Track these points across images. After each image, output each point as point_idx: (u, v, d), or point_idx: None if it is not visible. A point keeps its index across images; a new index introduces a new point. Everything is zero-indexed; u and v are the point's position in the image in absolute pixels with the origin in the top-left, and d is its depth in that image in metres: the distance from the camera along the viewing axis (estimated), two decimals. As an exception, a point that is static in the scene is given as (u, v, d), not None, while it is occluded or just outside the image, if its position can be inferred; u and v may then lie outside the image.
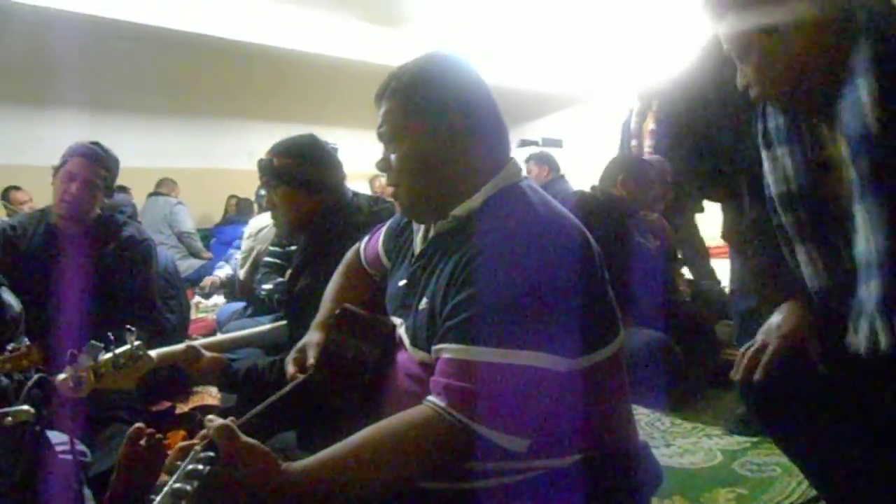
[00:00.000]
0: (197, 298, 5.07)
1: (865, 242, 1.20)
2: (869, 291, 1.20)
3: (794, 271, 1.42)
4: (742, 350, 1.45)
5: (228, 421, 1.11)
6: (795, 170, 1.36)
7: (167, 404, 2.96)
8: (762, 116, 1.44)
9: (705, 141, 1.90)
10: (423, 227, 1.32)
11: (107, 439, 2.14)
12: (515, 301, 1.04)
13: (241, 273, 3.67)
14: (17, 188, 5.86)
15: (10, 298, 2.04)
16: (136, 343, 1.67)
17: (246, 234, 3.63)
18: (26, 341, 1.88)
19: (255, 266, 3.52)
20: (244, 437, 0.95)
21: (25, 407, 1.25)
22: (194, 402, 3.10)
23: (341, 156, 2.20)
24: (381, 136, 1.26)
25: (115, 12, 6.13)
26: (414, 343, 1.21)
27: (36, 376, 1.45)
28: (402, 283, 1.31)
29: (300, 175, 1.99)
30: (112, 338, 1.67)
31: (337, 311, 1.43)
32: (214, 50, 7.40)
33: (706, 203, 3.99)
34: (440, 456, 1.04)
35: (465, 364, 1.04)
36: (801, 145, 1.36)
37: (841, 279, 1.32)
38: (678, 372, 2.79)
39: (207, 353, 1.83)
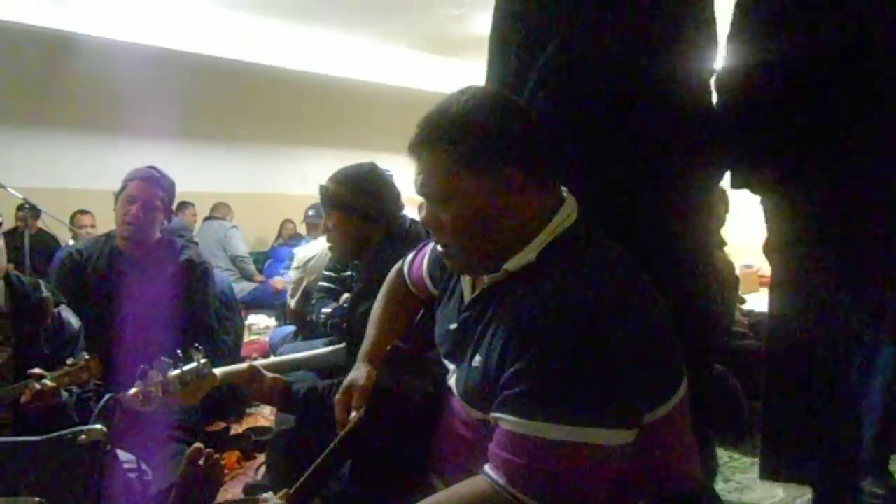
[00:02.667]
0: (250, 320, 5.15)
1: None
2: None
3: None
4: None
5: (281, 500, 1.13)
6: None
7: (222, 425, 3.02)
8: None
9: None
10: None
11: (166, 458, 2.17)
12: (577, 374, 0.98)
13: (292, 302, 3.71)
14: (84, 212, 6.05)
15: (70, 317, 2.10)
16: (203, 361, 1.70)
17: (294, 264, 3.68)
18: (86, 356, 1.92)
19: (306, 296, 3.57)
20: None
21: (98, 426, 1.28)
22: (248, 423, 3.15)
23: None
24: (424, 194, 1.17)
25: (174, 43, 6.36)
26: (466, 398, 1.18)
27: (107, 396, 1.49)
28: (453, 327, 1.27)
29: (354, 203, 2.03)
30: (180, 355, 1.70)
31: (388, 349, 1.42)
32: (268, 78, 7.59)
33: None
34: None
35: (524, 439, 1.00)
36: None
37: None
38: (736, 405, 2.72)
39: (269, 374, 1.86)
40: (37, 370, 1.81)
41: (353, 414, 1.37)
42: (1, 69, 6.32)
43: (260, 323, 5.28)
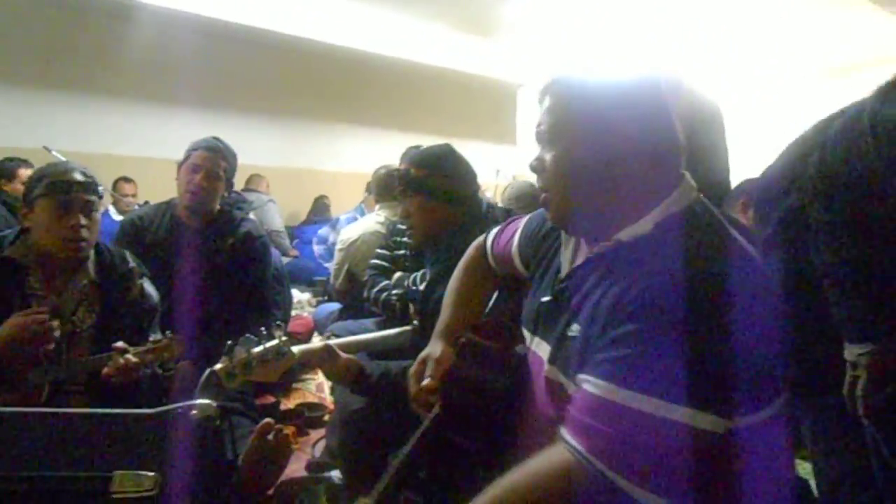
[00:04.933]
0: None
1: None
2: None
3: None
4: None
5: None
6: None
7: (271, 399, 3.03)
8: None
9: None
10: (572, 241, 1.23)
11: (228, 431, 2.18)
12: (686, 349, 0.92)
13: (336, 283, 3.71)
14: (127, 180, 6.08)
15: (151, 289, 2.11)
16: (284, 338, 1.69)
17: (338, 246, 3.68)
18: (168, 334, 1.94)
19: (350, 277, 3.57)
20: None
21: (209, 401, 1.27)
22: (295, 398, 3.16)
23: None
24: (538, 135, 1.16)
25: (224, 14, 6.33)
26: (563, 371, 1.13)
27: (208, 371, 1.48)
28: (546, 299, 1.23)
29: (435, 185, 1.99)
30: (264, 332, 1.69)
31: (461, 341, 1.37)
32: (307, 53, 7.56)
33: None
34: None
35: (613, 406, 0.94)
36: None
37: None
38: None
39: (343, 354, 1.85)
40: (120, 344, 1.82)
41: (427, 380, 1.34)
42: (55, 34, 6.34)
43: (295, 298, 5.28)
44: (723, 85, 7.35)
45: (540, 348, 1.22)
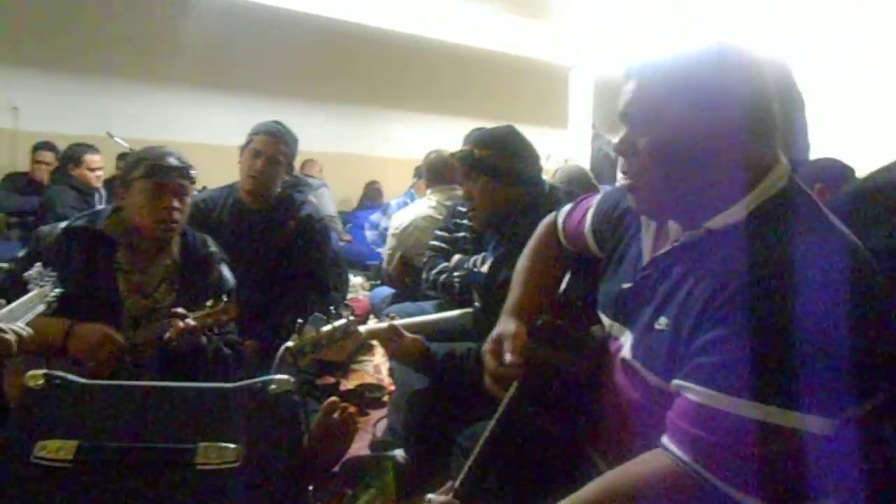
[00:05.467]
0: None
1: None
2: None
3: None
4: None
5: (447, 497, 1.12)
6: None
7: (331, 379, 3.07)
8: None
9: None
10: (652, 226, 1.20)
11: (302, 406, 2.22)
12: (790, 351, 0.89)
13: (390, 268, 3.74)
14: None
15: (228, 274, 2.18)
16: (351, 318, 1.71)
17: (390, 231, 3.69)
18: (224, 297, 1.98)
19: (404, 262, 3.59)
20: None
21: (287, 377, 1.29)
22: (354, 379, 3.20)
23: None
24: (629, 116, 1.09)
25: (282, 2, 6.39)
26: (647, 363, 1.11)
27: (283, 347, 1.51)
28: (626, 286, 1.20)
29: (501, 166, 1.98)
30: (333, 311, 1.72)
31: (538, 323, 1.36)
32: (356, 38, 7.57)
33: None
34: None
35: (717, 414, 0.92)
36: None
37: None
38: None
39: (408, 334, 1.86)
40: (180, 309, 1.89)
41: (508, 356, 1.30)
42: (117, 25, 6.51)
43: (354, 279, 5.33)
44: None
45: (622, 335, 1.20)
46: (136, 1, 6.51)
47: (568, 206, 1.54)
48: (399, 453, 2.02)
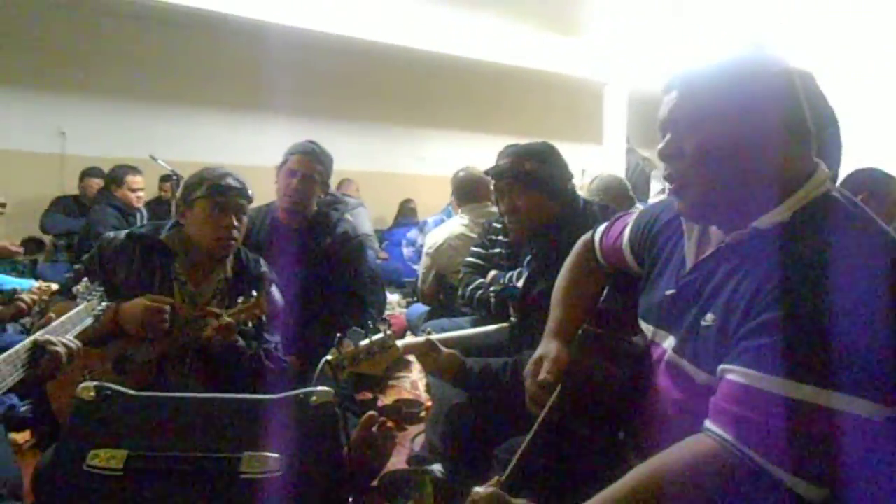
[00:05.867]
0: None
1: None
2: None
3: None
4: None
5: (495, 489, 1.13)
6: None
7: (369, 395, 3.10)
8: None
9: None
10: (696, 233, 1.22)
11: (342, 418, 2.25)
12: (839, 333, 0.90)
13: (425, 287, 3.77)
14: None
15: (277, 295, 2.27)
16: (389, 332, 1.73)
17: (425, 250, 3.72)
18: (254, 293, 2.06)
19: (438, 280, 3.61)
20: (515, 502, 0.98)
21: (327, 388, 1.32)
22: (391, 394, 3.22)
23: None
24: (673, 121, 1.12)
25: (313, 24, 6.51)
26: (693, 360, 1.12)
27: (323, 360, 1.54)
28: (669, 292, 1.21)
29: (550, 180, 2.00)
30: (371, 326, 1.74)
31: (579, 333, 1.37)
32: (390, 57, 7.68)
33: None
34: (729, 497, 0.95)
35: (762, 395, 0.93)
36: None
37: None
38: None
39: (444, 349, 1.88)
40: (214, 309, 2.00)
41: (544, 376, 1.33)
42: (161, 51, 6.76)
43: (391, 297, 5.37)
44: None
45: (665, 341, 1.22)
46: (177, 27, 6.70)
47: (604, 224, 1.56)
48: (437, 468, 2.03)
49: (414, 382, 3.38)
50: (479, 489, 1.14)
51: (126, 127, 6.60)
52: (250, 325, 2.09)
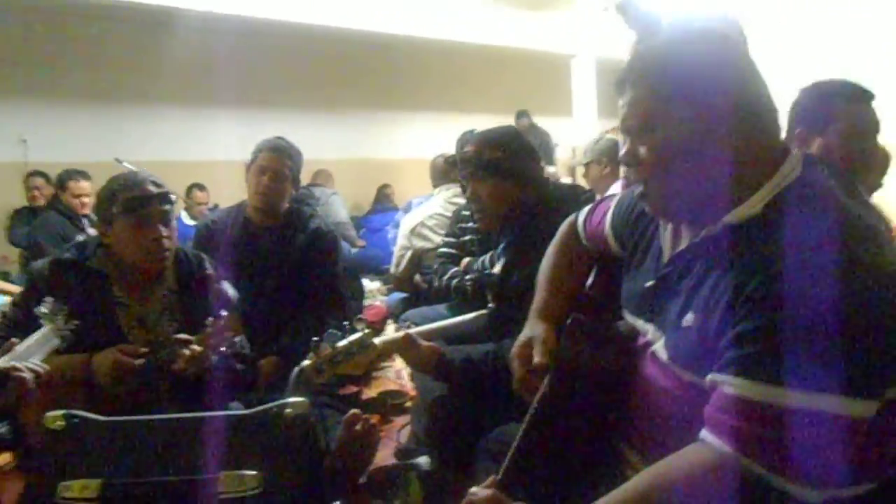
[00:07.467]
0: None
1: None
2: None
3: None
4: None
5: (493, 490, 1.12)
6: None
7: (353, 388, 3.08)
8: None
9: None
10: (670, 223, 1.20)
11: (320, 423, 2.23)
12: (823, 336, 0.89)
13: (398, 270, 3.74)
14: (200, 187, 6.30)
15: (229, 289, 2.16)
16: (367, 331, 1.71)
17: (400, 233, 3.70)
18: (223, 312, 1.88)
19: (413, 264, 3.59)
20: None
21: (302, 399, 1.30)
22: (376, 386, 3.21)
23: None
24: (627, 129, 1.12)
25: (267, 13, 6.39)
26: (678, 361, 1.11)
27: (297, 369, 1.51)
28: (649, 284, 1.20)
29: (511, 167, 1.97)
30: (348, 326, 1.72)
31: (568, 321, 1.34)
32: (357, 43, 7.60)
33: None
34: None
35: (757, 406, 0.92)
36: None
37: None
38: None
39: (424, 342, 1.86)
40: (182, 335, 1.82)
41: (537, 360, 1.32)
42: (118, 47, 6.63)
43: (365, 287, 5.34)
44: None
45: (648, 332, 1.21)
46: (136, 25, 6.56)
47: (587, 207, 1.55)
48: (424, 460, 2.02)
49: (398, 372, 3.36)
50: (476, 489, 1.13)
51: (88, 130, 6.47)
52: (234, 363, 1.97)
